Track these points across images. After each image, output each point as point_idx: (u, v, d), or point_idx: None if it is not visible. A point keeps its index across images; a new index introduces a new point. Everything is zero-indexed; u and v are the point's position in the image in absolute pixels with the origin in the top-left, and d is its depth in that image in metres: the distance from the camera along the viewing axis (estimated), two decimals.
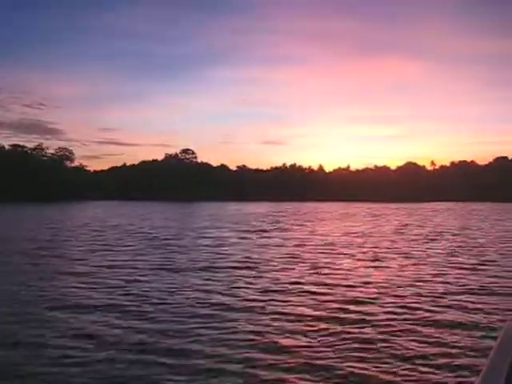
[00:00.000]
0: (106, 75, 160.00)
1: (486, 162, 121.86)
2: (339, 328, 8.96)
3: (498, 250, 20.48)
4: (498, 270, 15.37)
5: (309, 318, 9.66)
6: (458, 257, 18.68)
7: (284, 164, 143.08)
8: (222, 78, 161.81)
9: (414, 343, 8.07)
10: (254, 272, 15.07)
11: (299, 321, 9.49)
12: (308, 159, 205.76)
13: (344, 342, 8.17)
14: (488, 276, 14.38)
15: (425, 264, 16.79)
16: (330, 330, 8.84)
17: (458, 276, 14.36)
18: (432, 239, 25.60)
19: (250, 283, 13.27)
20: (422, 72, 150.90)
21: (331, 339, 8.32)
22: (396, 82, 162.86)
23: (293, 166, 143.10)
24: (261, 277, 14.25)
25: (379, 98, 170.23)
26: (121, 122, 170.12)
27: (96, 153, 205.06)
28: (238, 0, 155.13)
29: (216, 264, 16.66)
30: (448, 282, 13.37)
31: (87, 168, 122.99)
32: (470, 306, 10.64)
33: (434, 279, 13.81)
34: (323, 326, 9.15)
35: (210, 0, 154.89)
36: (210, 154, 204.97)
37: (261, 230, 31.44)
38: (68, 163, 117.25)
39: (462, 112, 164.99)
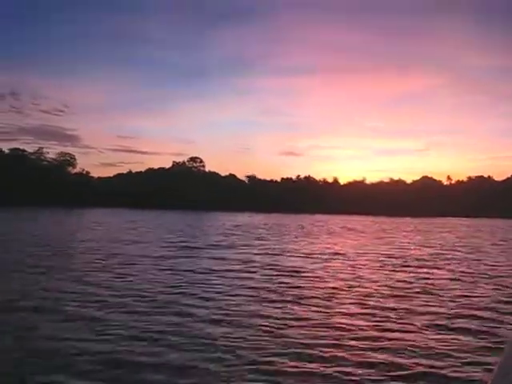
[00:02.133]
0: (125, 82, 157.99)
1: (504, 178, 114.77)
2: None
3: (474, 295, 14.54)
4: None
5: None
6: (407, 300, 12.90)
7: (298, 176, 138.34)
8: (241, 88, 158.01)
9: None
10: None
11: None
12: (323, 171, 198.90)
13: None
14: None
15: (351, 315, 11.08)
16: None
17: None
18: (409, 266, 19.69)
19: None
20: (439, 85, 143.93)
21: None
22: (414, 94, 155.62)
23: (307, 178, 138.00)
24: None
25: (397, 110, 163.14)
26: (139, 129, 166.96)
27: (113, 160, 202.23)
28: (256, 10, 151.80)
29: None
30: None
31: (91, 175, 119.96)
32: None
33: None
34: None
35: (230, 10, 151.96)
36: (226, 164, 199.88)
37: (212, 246, 26.26)
38: (70, 169, 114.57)
39: (481, 126, 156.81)
